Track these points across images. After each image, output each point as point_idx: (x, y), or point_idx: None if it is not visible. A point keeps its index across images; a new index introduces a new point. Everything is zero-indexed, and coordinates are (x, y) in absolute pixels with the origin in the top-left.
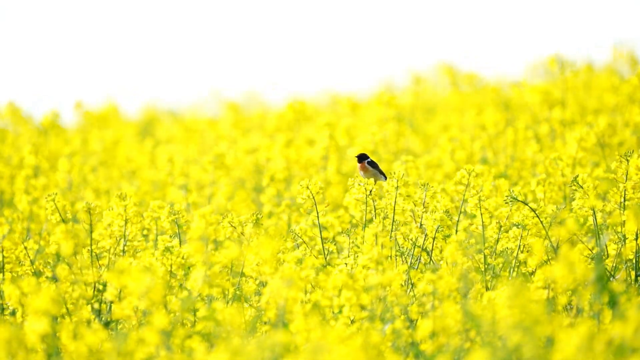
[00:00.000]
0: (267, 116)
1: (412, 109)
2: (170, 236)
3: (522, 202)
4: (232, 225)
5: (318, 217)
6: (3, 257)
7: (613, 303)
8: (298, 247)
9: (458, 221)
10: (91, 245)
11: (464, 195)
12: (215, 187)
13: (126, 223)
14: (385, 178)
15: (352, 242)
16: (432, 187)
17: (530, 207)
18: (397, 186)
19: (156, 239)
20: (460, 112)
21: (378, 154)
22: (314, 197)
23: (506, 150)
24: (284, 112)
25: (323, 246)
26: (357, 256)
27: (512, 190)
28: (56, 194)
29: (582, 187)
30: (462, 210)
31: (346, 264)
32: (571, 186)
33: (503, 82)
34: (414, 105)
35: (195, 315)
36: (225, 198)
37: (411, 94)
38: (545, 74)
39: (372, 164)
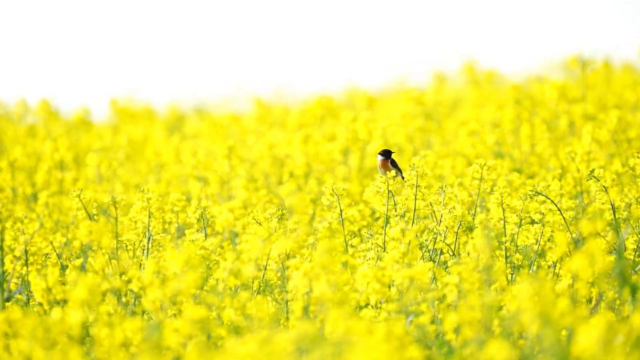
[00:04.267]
0: (290, 111)
1: (434, 104)
2: (198, 230)
3: (544, 195)
4: (256, 221)
5: (341, 213)
6: (26, 252)
7: (633, 296)
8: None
9: (474, 215)
10: (116, 238)
11: (478, 189)
12: (235, 180)
13: (150, 217)
14: (402, 176)
15: (373, 236)
16: (448, 185)
17: (552, 201)
18: (417, 178)
19: (177, 232)
20: (478, 107)
21: (395, 147)
22: (337, 194)
23: (521, 146)
24: (307, 107)
25: (346, 240)
26: (379, 250)
27: (536, 185)
28: (82, 189)
29: (598, 181)
30: (478, 204)
31: (367, 257)
32: (588, 180)
33: (522, 78)
34: (434, 101)
35: (223, 306)
36: (244, 191)
37: (432, 90)
38: (564, 70)
39: (393, 163)
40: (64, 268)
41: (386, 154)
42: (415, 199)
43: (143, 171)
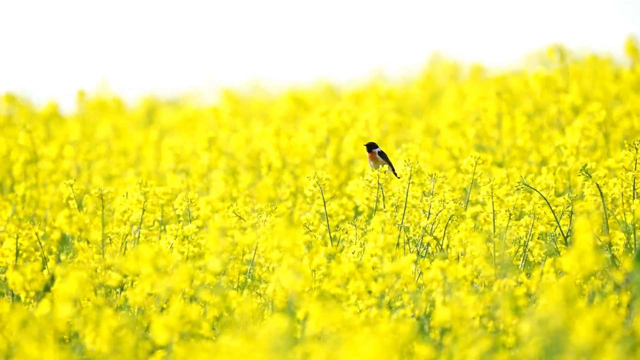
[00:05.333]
0: (266, 104)
1: (413, 98)
2: (181, 222)
3: (534, 189)
4: (236, 215)
5: (325, 205)
6: (17, 244)
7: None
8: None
9: (466, 208)
10: (103, 231)
11: (471, 183)
12: (213, 173)
13: (143, 211)
14: (393, 169)
15: (362, 229)
16: (441, 176)
17: (541, 195)
18: (411, 174)
19: (160, 225)
20: (459, 101)
21: (377, 142)
22: (320, 187)
23: (502, 139)
24: (282, 101)
25: (330, 234)
26: (364, 244)
27: (524, 177)
28: (75, 180)
29: (590, 176)
30: (469, 198)
31: (353, 252)
32: (579, 175)
33: (503, 72)
34: (413, 95)
35: (206, 302)
36: (224, 184)
37: (412, 84)
38: (544, 63)
39: (382, 155)
40: (45, 261)
41: (371, 147)
42: (407, 194)
43: (118, 164)
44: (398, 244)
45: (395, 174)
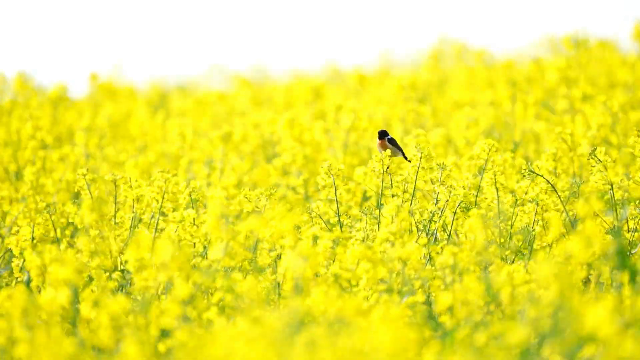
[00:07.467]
0: (276, 90)
1: (422, 84)
2: (185, 209)
3: (539, 175)
4: (247, 199)
5: (336, 192)
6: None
7: (633, 277)
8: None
9: (476, 196)
10: (115, 216)
11: (483, 170)
12: (225, 161)
13: (163, 198)
14: (405, 155)
15: (371, 214)
16: (447, 165)
17: (547, 180)
18: (420, 158)
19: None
20: (470, 88)
21: (389, 128)
22: (332, 175)
23: (515, 126)
24: (293, 86)
25: (339, 219)
26: (371, 229)
27: (530, 163)
28: (87, 169)
29: (600, 161)
30: (479, 185)
31: (356, 238)
32: (589, 159)
33: (514, 58)
34: (424, 81)
35: (213, 286)
36: (237, 172)
37: (420, 69)
38: (557, 50)
39: (392, 142)
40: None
41: (382, 134)
42: (416, 178)
43: (127, 149)
44: (411, 230)
45: (406, 158)
